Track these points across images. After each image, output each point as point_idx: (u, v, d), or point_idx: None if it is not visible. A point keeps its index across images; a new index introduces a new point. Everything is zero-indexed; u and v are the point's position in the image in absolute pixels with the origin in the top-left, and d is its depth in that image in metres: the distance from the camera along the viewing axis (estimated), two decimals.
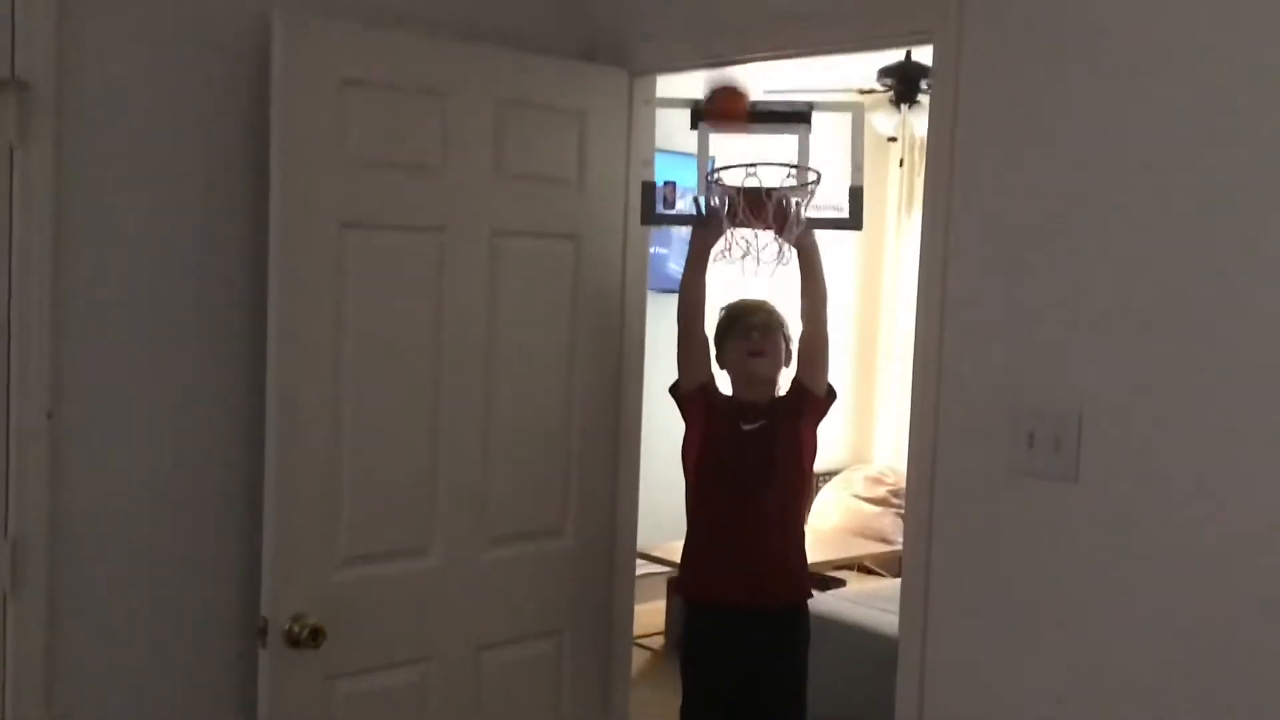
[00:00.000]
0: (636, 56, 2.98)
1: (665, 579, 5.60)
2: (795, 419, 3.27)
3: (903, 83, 5.45)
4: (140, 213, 2.40)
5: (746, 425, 3.27)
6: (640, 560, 3.38)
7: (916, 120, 5.47)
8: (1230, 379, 2.06)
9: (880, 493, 6.74)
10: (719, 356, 3.39)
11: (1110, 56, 2.19)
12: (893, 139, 6.42)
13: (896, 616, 2.55)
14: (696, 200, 3.09)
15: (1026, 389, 2.30)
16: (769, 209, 2.99)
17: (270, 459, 2.44)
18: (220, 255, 2.50)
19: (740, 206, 2.99)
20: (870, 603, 4.72)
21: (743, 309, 3.40)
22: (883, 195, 7.09)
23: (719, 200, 3.05)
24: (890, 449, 7.15)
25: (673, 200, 3.06)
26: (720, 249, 3.12)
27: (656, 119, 3.04)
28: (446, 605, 2.75)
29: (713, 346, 3.36)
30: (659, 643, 5.86)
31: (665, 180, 3.02)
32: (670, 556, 4.98)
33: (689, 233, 3.22)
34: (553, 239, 2.88)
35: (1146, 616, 2.15)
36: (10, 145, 2.22)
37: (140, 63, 2.38)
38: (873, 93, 5.79)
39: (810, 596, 3.43)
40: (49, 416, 2.28)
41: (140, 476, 2.43)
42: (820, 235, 3.17)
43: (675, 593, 5.20)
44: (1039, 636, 2.30)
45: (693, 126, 3.04)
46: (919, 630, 2.46)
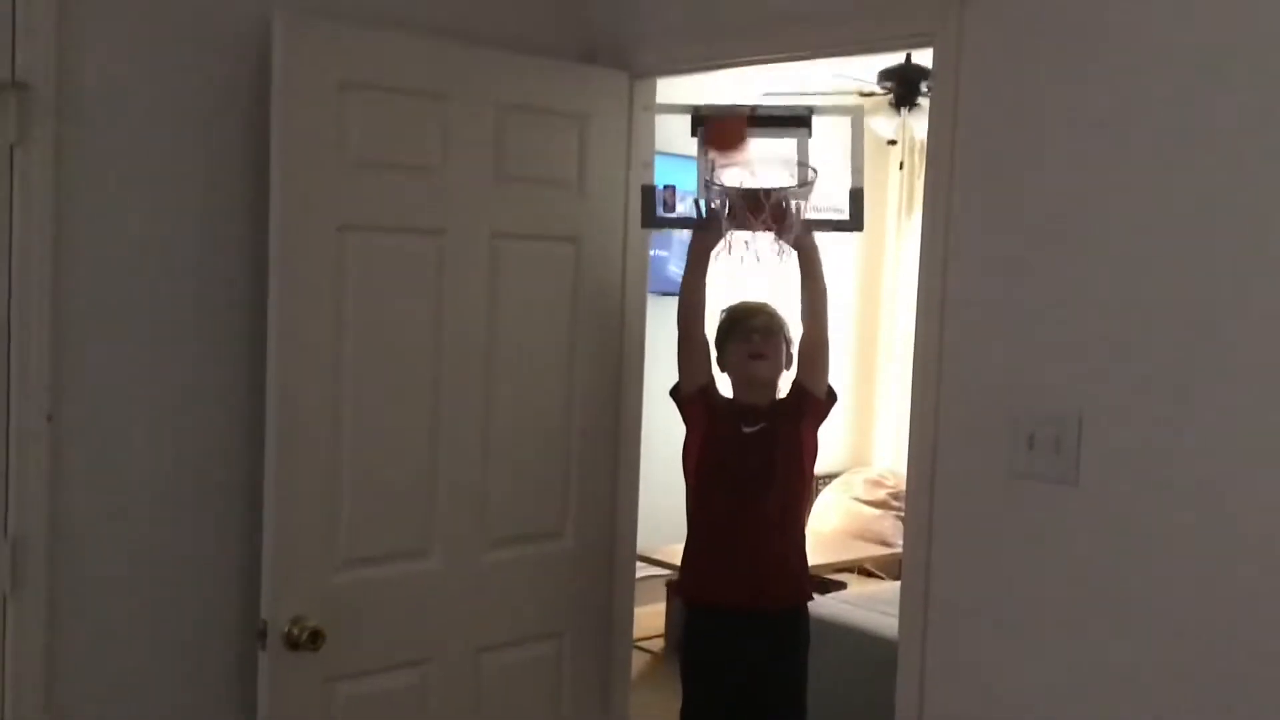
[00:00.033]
0: (637, 59, 2.98)
1: (665, 581, 5.59)
2: (796, 421, 3.26)
3: (903, 85, 5.45)
4: (140, 213, 2.40)
5: (747, 428, 3.26)
6: (640, 563, 3.38)
7: (916, 123, 5.47)
8: (1230, 379, 2.06)
9: (880, 495, 6.73)
10: (720, 359, 3.38)
11: (1110, 56, 2.20)
12: (893, 142, 6.41)
13: (896, 619, 2.55)
14: (697, 203, 3.08)
15: (1027, 390, 2.30)
16: (767, 209, 2.99)
17: (270, 460, 2.44)
18: (220, 255, 2.50)
19: (739, 207, 2.99)
20: (870, 606, 4.71)
21: (743, 311, 3.40)
22: (883, 198, 7.09)
23: (718, 202, 3.05)
24: (890, 451, 7.14)
25: (673, 203, 3.05)
26: (720, 250, 3.12)
27: (656, 123, 3.03)
28: (446, 607, 2.74)
29: (713, 349, 3.36)
30: (659, 645, 5.86)
31: (665, 184, 3.01)
32: (670, 559, 4.99)
33: (689, 235, 3.22)
34: (553, 242, 2.88)
35: (1146, 617, 2.15)
36: (10, 145, 2.22)
37: (140, 63, 2.38)
38: (873, 95, 5.79)
39: (810, 599, 3.42)
40: (49, 417, 2.28)
41: (140, 476, 2.43)
42: (821, 237, 3.17)
43: (675, 595, 5.20)
44: (1039, 638, 2.30)
45: (693, 132, 3.04)
46: (919, 631, 2.46)
